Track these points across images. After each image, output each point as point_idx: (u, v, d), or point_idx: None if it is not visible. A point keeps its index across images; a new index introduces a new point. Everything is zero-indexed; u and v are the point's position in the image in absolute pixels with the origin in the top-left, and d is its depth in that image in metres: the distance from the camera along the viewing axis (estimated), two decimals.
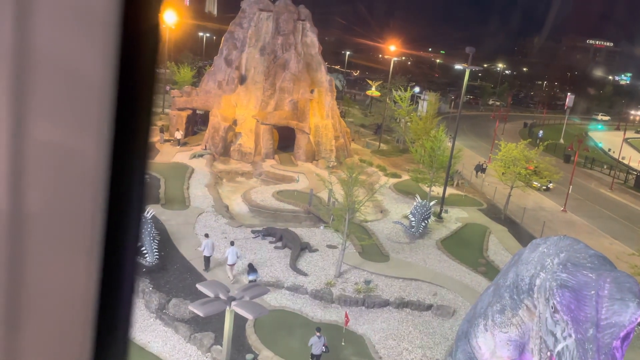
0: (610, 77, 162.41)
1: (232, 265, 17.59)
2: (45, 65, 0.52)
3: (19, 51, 0.51)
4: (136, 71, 0.60)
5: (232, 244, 18.07)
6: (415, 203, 23.88)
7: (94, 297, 0.62)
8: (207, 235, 18.83)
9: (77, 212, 0.58)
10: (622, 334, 5.66)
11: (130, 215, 0.65)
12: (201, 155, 32.47)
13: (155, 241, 17.71)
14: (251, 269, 17.57)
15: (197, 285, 10.16)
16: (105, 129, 0.56)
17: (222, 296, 8.53)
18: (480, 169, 37.24)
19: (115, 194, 0.61)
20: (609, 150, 59.80)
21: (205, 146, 33.97)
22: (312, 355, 14.05)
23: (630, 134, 72.30)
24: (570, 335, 5.84)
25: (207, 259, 18.01)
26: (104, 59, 0.55)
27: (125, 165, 0.61)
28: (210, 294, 8.75)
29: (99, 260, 0.61)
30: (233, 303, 8.44)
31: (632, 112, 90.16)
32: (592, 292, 5.90)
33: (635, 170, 48.20)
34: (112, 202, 0.61)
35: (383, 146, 43.76)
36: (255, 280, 16.96)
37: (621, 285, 5.91)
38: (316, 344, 14.13)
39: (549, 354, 6.21)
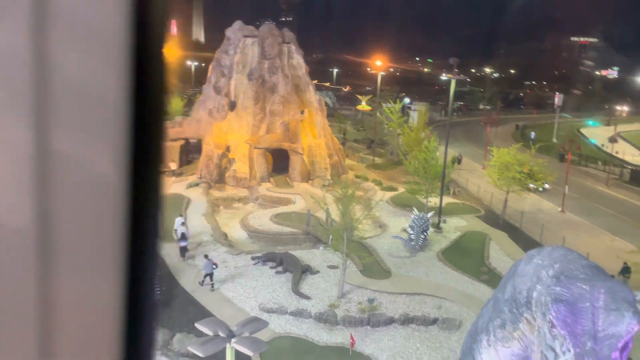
0: (597, 73, 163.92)
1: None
2: (63, 85, 0.56)
3: (37, 67, 0.55)
4: (148, 90, 0.64)
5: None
6: (412, 216, 23.87)
7: (119, 316, 0.64)
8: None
9: (99, 229, 0.60)
10: (620, 345, 5.66)
11: (149, 231, 0.67)
12: (197, 184, 32.52)
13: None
14: (182, 237, 21.25)
15: (196, 325, 10.12)
16: (122, 146, 0.60)
17: (221, 333, 8.50)
18: (455, 160, 38.20)
19: (134, 209, 0.63)
20: (602, 145, 60.08)
21: (200, 175, 34.04)
22: (205, 275, 18.56)
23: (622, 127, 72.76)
24: (569, 350, 5.83)
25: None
26: (118, 78, 0.58)
27: (143, 184, 0.64)
28: (210, 332, 8.72)
29: (123, 280, 0.63)
30: (233, 340, 8.41)
31: (622, 107, 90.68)
32: (587, 304, 5.91)
33: (630, 165, 48.39)
34: (132, 219, 0.63)
35: (377, 160, 43.90)
36: (186, 247, 21.29)
37: (616, 295, 5.92)
38: (207, 265, 18.59)
39: None
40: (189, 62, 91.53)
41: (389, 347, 15.69)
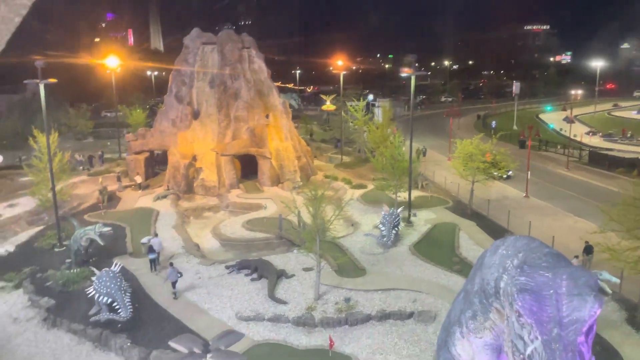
0: (552, 59, 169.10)
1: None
2: None
3: None
4: None
5: (156, 235, 23.63)
6: (383, 212, 24.13)
7: None
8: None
9: None
10: (584, 329, 5.89)
11: None
12: (165, 196, 32.02)
13: (127, 294, 17.31)
14: (150, 250, 21.03)
15: (170, 343, 9.96)
16: None
17: (196, 350, 8.40)
18: (420, 153, 39.54)
19: None
20: (561, 130, 61.95)
21: (168, 186, 33.53)
22: (173, 283, 18.56)
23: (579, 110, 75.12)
24: (537, 338, 6.03)
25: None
26: None
27: None
28: (184, 350, 8.60)
29: None
30: (209, 355, 8.34)
31: (576, 91, 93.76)
32: (551, 291, 6.12)
33: (587, 146, 50.09)
34: None
35: (345, 159, 44.18)
36: (156, 260, 20.87)
37: (577, 281, 6.15)
38: (172, 274, 18.69)
39: (522, 357, 6.38)
40: (149, 72, 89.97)
41: (368, 345, 15.82)
